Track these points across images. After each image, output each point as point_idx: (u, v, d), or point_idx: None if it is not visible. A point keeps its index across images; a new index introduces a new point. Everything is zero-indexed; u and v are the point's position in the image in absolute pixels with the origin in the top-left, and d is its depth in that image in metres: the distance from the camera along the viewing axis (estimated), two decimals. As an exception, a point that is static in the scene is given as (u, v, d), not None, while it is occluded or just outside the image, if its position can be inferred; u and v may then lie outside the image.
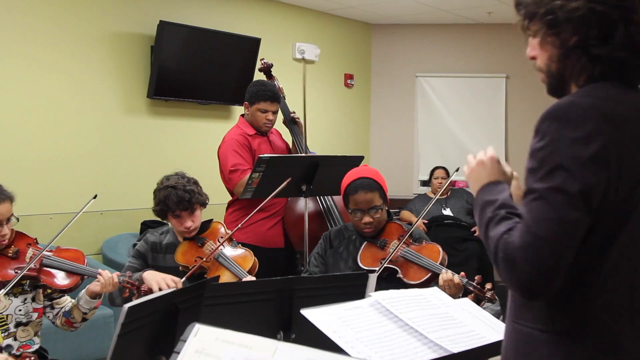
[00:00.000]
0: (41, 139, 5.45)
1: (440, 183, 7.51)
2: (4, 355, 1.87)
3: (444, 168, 7.64)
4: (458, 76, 8.44)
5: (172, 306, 2.20)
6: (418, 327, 2.04)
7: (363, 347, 1.91)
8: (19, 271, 3.03)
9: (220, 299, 2.43)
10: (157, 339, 2.18)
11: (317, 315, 2.00)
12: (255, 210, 3.50)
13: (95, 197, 3.29)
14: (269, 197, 3.55)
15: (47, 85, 5.47)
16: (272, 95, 4.60)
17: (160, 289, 3.13)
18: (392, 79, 8.66)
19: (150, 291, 3.06)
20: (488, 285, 3.11)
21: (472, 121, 8.37)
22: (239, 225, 3.40)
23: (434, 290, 2.35)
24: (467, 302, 2.35)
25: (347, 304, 2.10)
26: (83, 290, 3.21)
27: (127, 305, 1.96)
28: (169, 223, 3.58)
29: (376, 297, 2.15)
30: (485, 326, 2.19)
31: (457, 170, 3.55)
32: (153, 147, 6.22)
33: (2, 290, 2.94)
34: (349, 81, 8.31)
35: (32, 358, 2.59)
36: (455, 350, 1.97)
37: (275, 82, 5.07)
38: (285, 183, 3.63)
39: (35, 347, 3.16)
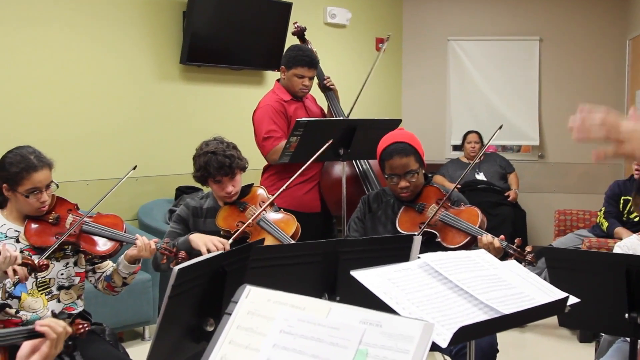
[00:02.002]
0: (76, 106, 5.47)
1: (474, 148, 7.47)
2: (62, 322, 1.89)
3: (476, 132, 7.60)
4: (490, 39, 8.33)
5: (220, 269, 2.21)
6: (468, 288, 2.03)
7: (414, 308, 1.91)
8: (59, 237, 3.06)
9: (265, 262, 2.44)
10: (204, 301, 2.19)
11: (368, 277, 2.00)
12: (298, 173, 3.47)
13: (134, 167, 3.31)
14: (310, 160, 3.54)
15: (81, 52, 5.48)
16: (310, 60, 4.58)
17: (208, 251, 3.16)
18: (424, 42, 8.58)
19: (187, 258, 3.08)
20: (528, 248, 3.09)
21: (505, 85, 8.27)
22: (283, 188, 3.39)
23: (480, 252, 2.34)
24: (514, 264, 2.33)
25: (396, 266, 2.10)
26: (122, 256, 3.24)
27: (177, 268, 1.97)
28: (209, 188, 3.59)
29: (425, 259, 2.14)
30: (534, 288, 2.18)
31: (500, 127, 3.51)
32: (186, 113, 6.23)
33: (44, 255, 2.98)
34: (380, 45, 8.23)
35: (85, 325, 2.62)
36: (506, 312, 1.96)
37: (309, 46, 5.04)
38: (326, 145, 3.61)
39: (79, 309, 3.20)
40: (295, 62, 4.57)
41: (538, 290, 2.18)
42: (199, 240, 3.24)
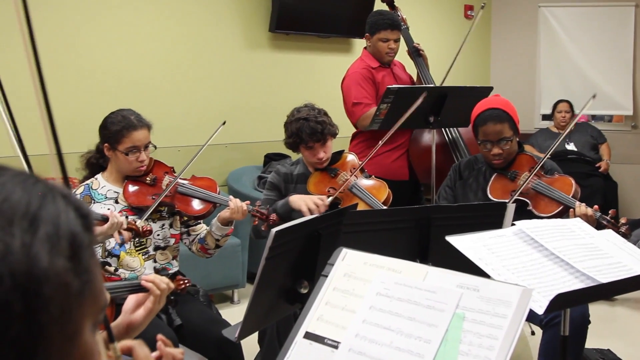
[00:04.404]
0: (167, 75, 5.59)
1: (564, 117, 7.30)
2: (165, 279, 1.97)
3: (567, 101, 7.42)
4: (583, 5, 8.06)
5: (315, 232, 2.24)
6: (564, 256, 2.01)
7: (510, 274, 1.90)
8: (156, 198, 3.16)
9: (358, 227, 2.46)
10: (299, 263, 2.23)
11: (463, 242, 2.00)
12: (385, 137, 3.47)
13: (224, 123, 3.35)
14: (408, 113, 3.51)
15: (172, 23, 5.57)
16: (392, 22, 4.56)
17: (309, 210, 3.22)
18: (514, 9, 8.38)
19: (278, 221, 3.14)
20: (622, 220, 3.02)
21: (597, 53, 8.01)
22: (370, 154, 3.40)
23: (576, 221, 2.31)
24: (611, 234, 2.29)
25: (491, 232, 2.09)
26: (215, 218, 3.31)
27: (274, 230, 2.02)
28: (298, 155, 3.63)
29: (520, 226, 2.13)
30: (631, 258, 2.14)
31: (594, 96, 3.42)
32: (274, 81, 6.28)
33: (144, 216, 3.09)
34: (469, 12, 8.10)
35: (186, 281, 2.71)
36: (604, 281, 1.93)
37: (398, 13, 5.01)
38: (421, 98, 3.54)
39: (175, 269, 3.30)
40: (377, 26, 4.56)
41: (636, 260, 2.14)
42: (299, 200, 3.30)
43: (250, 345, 3.33)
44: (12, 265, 0.62)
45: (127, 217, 3.04)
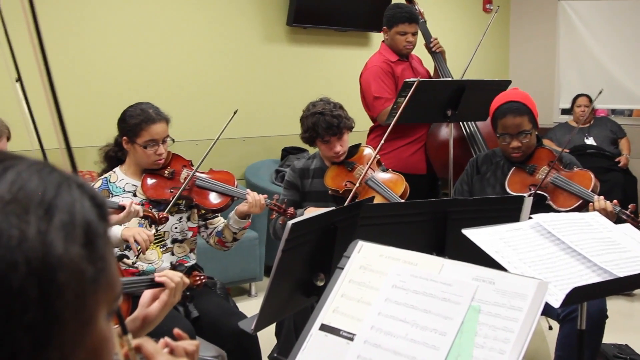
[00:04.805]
0: (184, 69, 5.61)
1: (583, 111, 7.25)
2: (179, 273, 1.98)
3: (587, 96, 7.35)
4: (604, -1, 8.02)
5: (331, 225, 2.24)
6: (581, 250, 2.00)
7: (526, 267, 1.90)
8: (174, 191, 3.17)
9: (375, 220, 2.46)
10: (316, 255, 2.23)
11: (479, 235, 2.00)
12: (389, 129, 3.45)
13: (236, 112, 3.35)
14: (402, 106, 3.50)
15: (190, 16, 5.59)
16: (409, 16, 4.55)
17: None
18: (533, 2, 8.33)
19: (295, 215, 3.14)
20: (642, 214, 3.00)
21: (619, 47, 7.93)
22: (381, 142, 3.38)
23: (594, 215, 2.29)
24: (629, 228, 2.28)
25: (508, 225, 2.09)
26: (233, 211, 3.32)
27: (290, 222, 2.02)
28: (315, 149, 3.63)
29: (537, 219, 2.12)
30: (649, 252, 2.13)
31: (600, 92, 3.40)
32: (292, 75, 6.29)
33: (165, 209, 3.10)
34: (487, 6, 8.06)
35: (202, 277, 2.73)
36: (621, 275, 1.92)
37: (416, 6, 5.00)
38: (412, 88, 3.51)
39: (192, 262, 3.32)
40: (395, 20, 4.56)
41: (654, 254, 2.12)
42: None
43: (268, 337, 3.34)
44: (27, 252, 0.63)
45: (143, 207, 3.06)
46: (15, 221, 0.64)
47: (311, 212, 3.30)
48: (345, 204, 3.01)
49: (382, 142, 3.39)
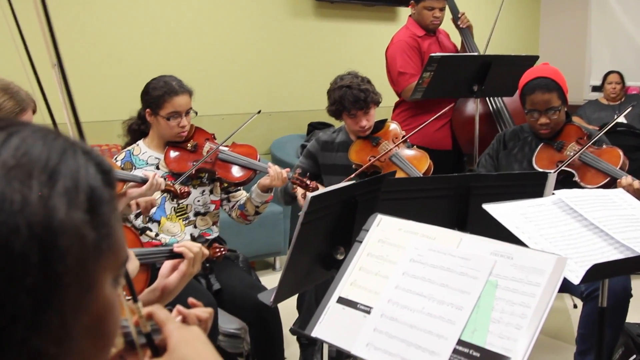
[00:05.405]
0: (211, 43, 5.61)
1: (615, 89, 7.14)
2: (198, 244, 1.99)
3: (618, 73, 7.23)
4: (638, -26, 7.86)
5: (352, 198, 2.23)
6: (604, 226, 1.98)
7: (547, 243, 1.88)
8: (196, 164, 3.18)
9: (396, 194, 2.44)
10: (336, 229, 2.22)
11: (500, 210, 1.98)
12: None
13: (259, 112, 3.35)
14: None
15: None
16: None
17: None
18: (565, -23, 8.21)
19: (317, 188, 3.14)
20: (671, 193, 2.95)
21: (652, 23, 7.80)
22: (417, 130, 3.37)
23: (618, 192, 2.26)
24: (654, 205, 2.25)
25: (530, 201, 2.07)
26: (255, 185, 3.33)
27: (310, 195, 2.01)
28: (342, 123, 3.62)
29: (560, 195, 2.09)
30: (674, 230, 2.10)
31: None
32: (319, 50, 6.26)
33: (179, 179, 3.11)
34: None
35: (222, 249, 2.74)
36: (644, 252, 1.90)
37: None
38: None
39: (214, 235, 3.33)
40: None
41: (679, 232, 2.09)
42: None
43: (289, 310, 3.35)
44: (29, 216, 0.63)
45: (165, 179, 3.08)
46: (18, 186, 0.64)
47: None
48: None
49: (419, 129, 3.36)
